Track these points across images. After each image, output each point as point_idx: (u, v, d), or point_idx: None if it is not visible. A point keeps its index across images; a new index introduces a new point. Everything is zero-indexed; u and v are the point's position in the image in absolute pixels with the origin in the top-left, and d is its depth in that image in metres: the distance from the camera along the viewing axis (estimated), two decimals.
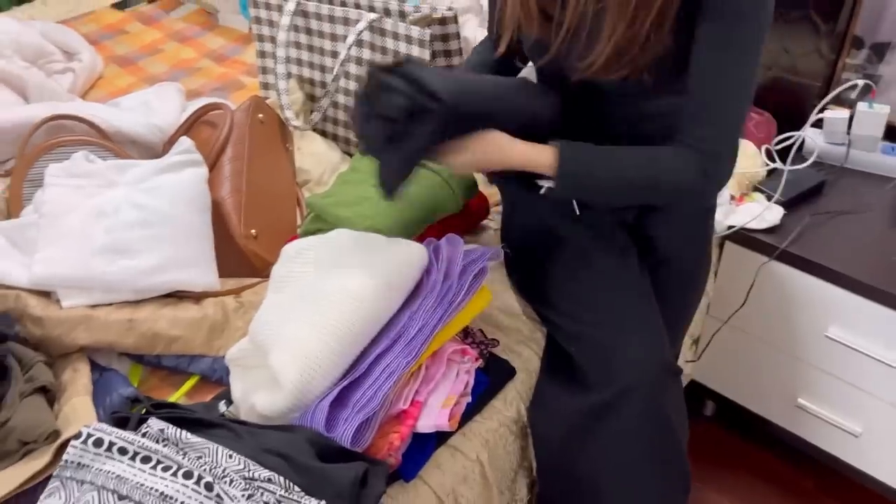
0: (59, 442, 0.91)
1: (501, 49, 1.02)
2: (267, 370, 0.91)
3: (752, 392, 1.51)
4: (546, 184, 0.94)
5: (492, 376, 1.04)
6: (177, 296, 1.10)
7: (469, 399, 0.98)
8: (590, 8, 0.89)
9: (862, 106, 1.39)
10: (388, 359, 0.91)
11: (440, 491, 0.95)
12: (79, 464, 0.80)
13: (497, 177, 1.21)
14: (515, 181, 1.15)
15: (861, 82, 1.40)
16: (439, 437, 0.97)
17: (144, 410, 0.87)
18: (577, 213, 1.06)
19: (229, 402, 0.97)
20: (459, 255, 1.00)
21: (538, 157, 0.92)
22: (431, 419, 0.92)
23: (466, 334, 1.07)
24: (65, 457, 0.80)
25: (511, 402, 1.04)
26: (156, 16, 2.09)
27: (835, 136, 1.44)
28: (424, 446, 0.95)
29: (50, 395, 0.98)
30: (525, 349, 1.10)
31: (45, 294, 1.05)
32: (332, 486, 0.81)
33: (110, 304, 1.05)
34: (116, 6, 2.15)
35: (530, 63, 1.09)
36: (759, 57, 0.89)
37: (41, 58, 1.69)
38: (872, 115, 1.39)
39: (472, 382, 0.98)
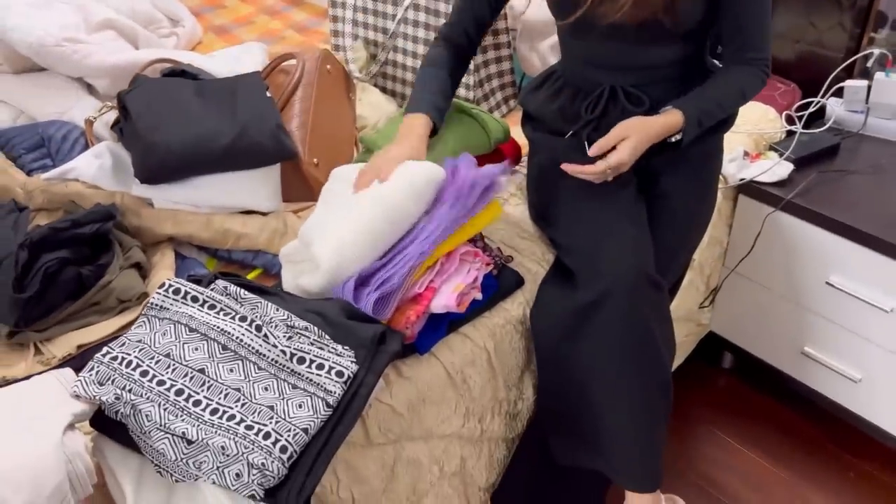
0: (145, 303, 1.14)
1: (452, 19, 1.28)
2: (310, 262, 1.11)
3: (762, 342, 1.61)
4: (675, 137, 1.16)
5: (502, 282, 1.21)
6: (248, 212, 1.32)
7: (479, 294, 1.16)
8: None
9: (879, 75, 1.49)
10: (406, 250, 1.10)
11: (450, 368, 1.13)
12: (160, 306, 1.02)
13: (523, 123, 1.38)
14: (533, 126, 1.33)
15: (877, 51, 1.49)
16: (451, 325, 1.15)
17: (214, 276, 1.08)
18: (587, 149, 1.22)
19: None
20: (471, 170, 1.17)
21: (671, 125, 1.14)
22: (442, 300, 1.09)
23: (485, 248, 1.24)
24: (150, 300, 1.03)
25: (518, 305, 1.21)
26: None
27: (854, 104, 1.53)
28: (437, 327, 1.13)
29: (143, 271, 1.21)
30: (535, 265, 1.26)
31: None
32: (355, 337, 1.00)
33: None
34: None
35: None
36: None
37: (151, 24, 1.96)
38: (889, 84, 1.48)
39: (480, 278, 1.15)
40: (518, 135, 1.44)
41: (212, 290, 1.04)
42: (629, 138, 1.12)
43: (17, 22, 1.45)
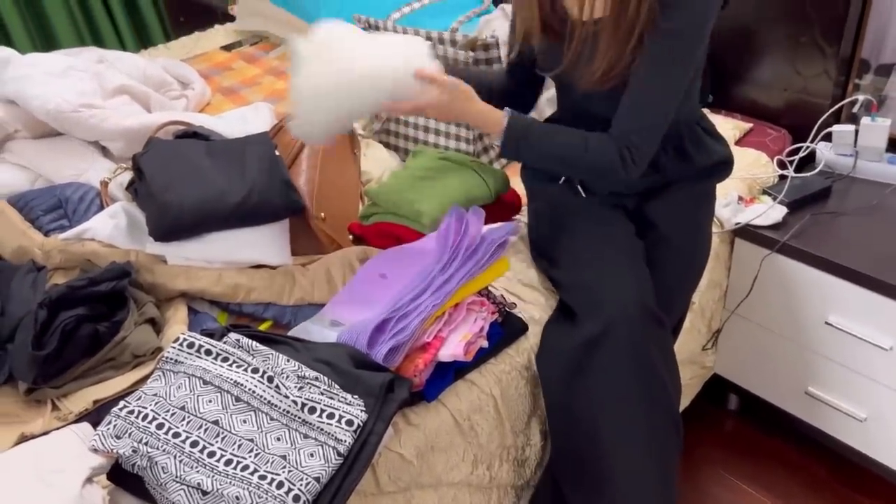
0: (159, 357, 1.17)
1: (512, 56, 1.28)
2: None
3: (767, 383, 1.63)
4: (491, 141, 1.16)
5: (507, 329, 1.24)
6: (258, 266, 1.36)
7: (485, 343, 1.19)
8: (589, 35, 1.13)
9: (866, 120, 1.54)
10: (420, 301, 1.14)
11: (458, 415, 1.15)
12: (175, 360, 1.05)
13: (522, 172, 1.43)
14: (530, 173, 1.39)
15: (862, 98, 1.54)
16: (458, 372, 1.17)
17: (226, 329, 1.12)
18: (584, 195, 1.27)
19: None
20: (482, 225, 1.22)
21: (491, 118, 1.17)
22: (451, 349, 1.12)
23: (489, 295, 1.27)
24: (165, 354, 1.06)
25: (523, 352, 1.24)
26: (256, 55, 2.45)
27: (843, 148, 1.58)
28: (445, 375, 1.15)
29: (157, 326, 1.25)
30: (539, 312, 1.29)
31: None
32: (364, 386, 1.03)
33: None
34: (225, 48, 2.53)
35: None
36: (687, 73, 1.12)
37: (162, 87, 2.03)
38: (875, 128, 1.53)
39: (486, 327, 1.18)
40: (517, 185, 1.49)
41: (224, 342, 1.08)
42: (446, 93, 1.13)
43: (37, 91, 1.52)
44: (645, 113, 1.14)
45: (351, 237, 1.47)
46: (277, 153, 1.37)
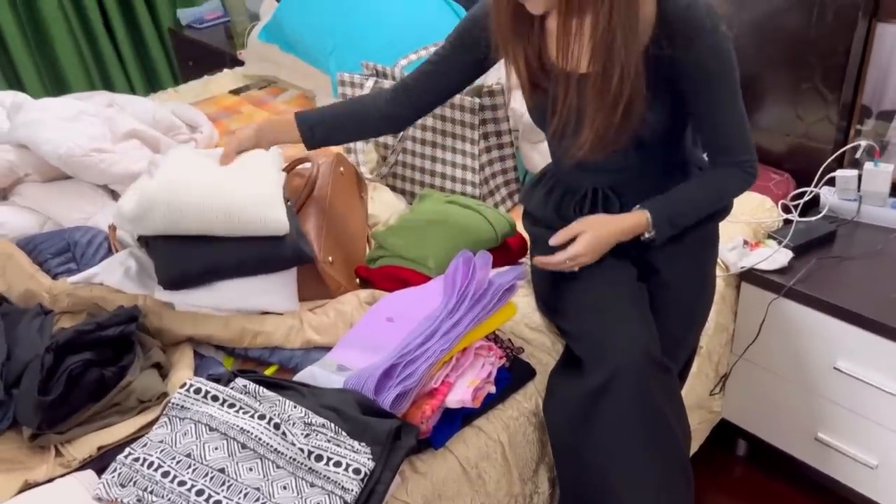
0: (165, 402, 1.16)
1: (409, 83, 1.32)
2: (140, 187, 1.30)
3: (775, 428, 1.61)
4: (647, 236, 1.20)
5: (514, 374, 1.23)
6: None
7: (493, 388, 1.18)
8: (573, 106, 1.14)
9: (868, 165, 1.55)
10: (427, 345, 1.13)
11: (465, 463, 1.14)
12: (182, 406, 1.05)
13: (524, 220, 1.44)
14: (531, 221, 1.39)
15: (864, 143, 1.56)
16: (465, 419, 1.17)
17: (233, 374, 1.11)
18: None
19: None
20: (489, 269, 1.22)
21: (637, 225, 1.20)
22: (458, 395, 1.12)
23: (497, 340, 1.27)
24: (171, 400, 1.06)
25: (530, 397, 1.23)
26: (264, 99, 2.48)
27: (847, 192, 1.59)
28: (452, 422, 1.15)
29: (163, 371, 1.24)
30: (546, 356, 1.29)
31: None
32: (372, 433, 1.02)
33: None
34: (233, 92, 2.56)
35: None
36: (740, 98, 1.15)
37: (171, 130, 2.06)
38: (878, 173, 1.54)
39: (494, 373, 1.18)
40: (523, 229, 1.50)
41: (231, 388, 1.07)
42: (586, 232, 1.18)
43: (48, 135, 1.54)
44: (739, 129, 1.17)
45: (358, 280, 1.48)
46: (289, 202, 1.37)
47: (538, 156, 1.75)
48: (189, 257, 1.28)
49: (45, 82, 3.29)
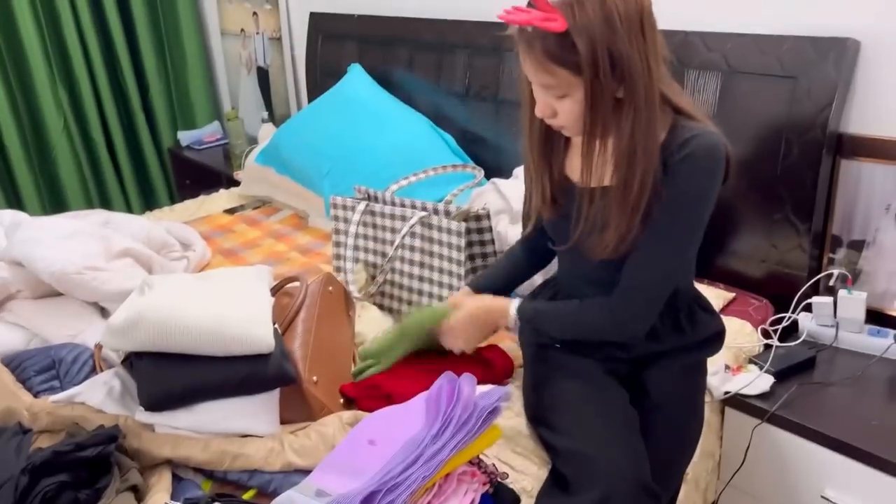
0: None
1: (528, 230, 1.40)
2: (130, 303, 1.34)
3: None
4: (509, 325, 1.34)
5: (498, 500, 1.21)
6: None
7: None
8: (598, 215, 1.20)
9: (843, 292, 1.60)
10: (410, 472, 1.12)
11: None
12: None
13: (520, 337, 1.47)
14: (530, 338, 1.42)
15: (837, 272, 1.62)
16: None
17: (210, 498, 1.09)
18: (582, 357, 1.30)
19: None
20: (474, 392, 1.23)
21: (505, 310, 1.35)
22: None
23: (480, 464, 1.26)
24: None
25: None
26: (258, 219, 2.55)
27: (824, 318, 1.63)
28: None
29: (139, 494, 1.21)
30: (530, 482, 1.27)
31: None
32: None
33: None
34: (228, 211, 2.64)
35: None
36: (688, 239, 1.19)
37: (164, 248, 2.10)
38: (852, 300, 1.58)
39: (477, 499, 1.16)
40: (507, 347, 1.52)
41: None
42: (460, 310, 1.39)
43: (44, 253, 1.57)
44: (643, 273, 1.20)
45: (342, 401, 1.47)
46: (275, 325, 1.39)
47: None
48: (172, 378, 1.29)
49: (44, 201, 3.37)
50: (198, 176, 3.50)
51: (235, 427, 1.32)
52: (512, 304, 1.35)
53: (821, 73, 1.59)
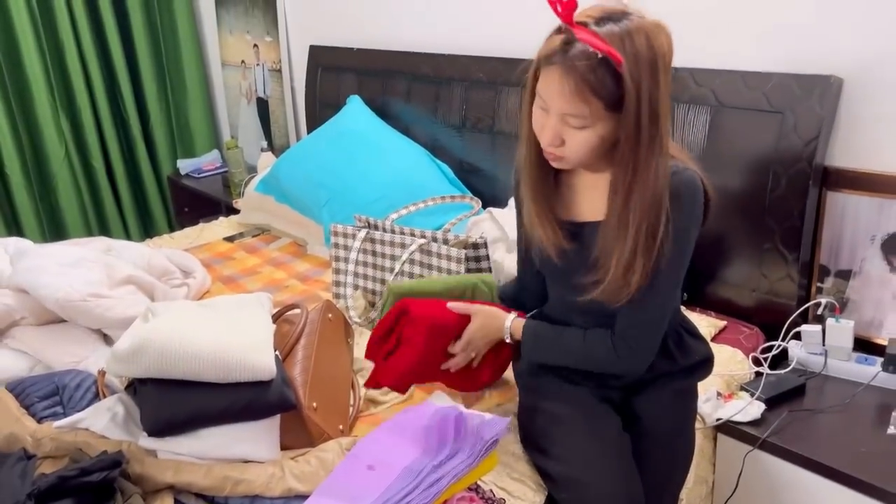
0: None
1: (527, 280, 1.45)
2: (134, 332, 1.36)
3: None
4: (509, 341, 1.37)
5: None
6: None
7: None
8: (593, 250, 1.22)
9: (830, 321, 1.64)
10: (410, 498, 1.15)
11: None
12: None
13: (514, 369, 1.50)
14: (525, 368, 1.45)
15: (825, 300, 1.66)
16: None
17: None
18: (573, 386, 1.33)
19: None
20: (476, 425, 1.26)
21: (502, 323, 1.38)
22: None
23: (478, 490, 1.28)
24: None
25: None
26: (257, 246, 2.59)
27: (813, 346, 1.67)
28: None
29: None
30: None
31: None
32: None
33: None
34: (227, 239, 2.67)
35: None
36: (678, 273, 1.22)
37: (165, 275, 2.13)
38: (840, 329, 1.62)
39: None
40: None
41: None
42: (476, 317, 1.39)
43: (48, 280, 1.60)
44: (644, 312, 1.23)
45: (341, 427, 1.49)
46: (276, 352, 1.42)
47: None
48: (176, 403, 1.31)
49: (44, 228, 3.40)
50: (196, 204, 3.55)
51: (237, 452, 1.34)
52: (508, 318, 1.38)
53: (806, 109, 1.64)
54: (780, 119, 1.68)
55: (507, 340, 1.40)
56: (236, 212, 2.97)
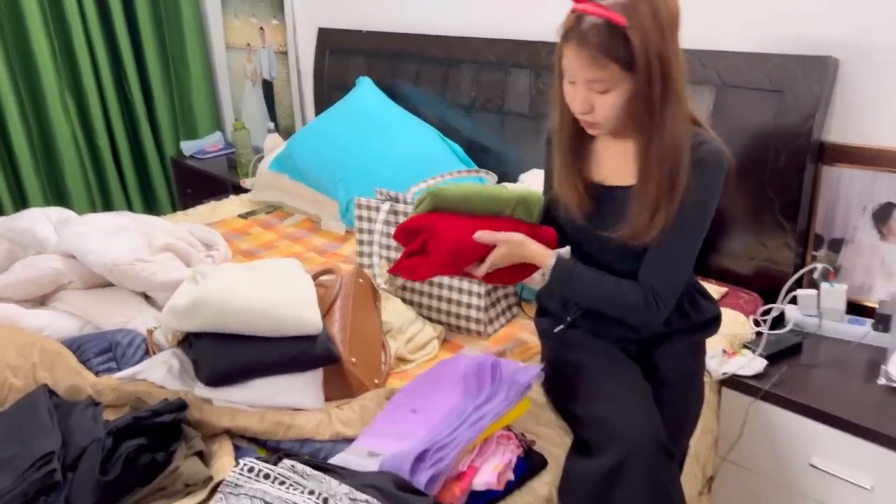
0: (211, 485, 1.25)
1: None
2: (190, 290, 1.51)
3: None
4: (540, 274, 1.41)
5: (529, 463, 1.35)
6: None
7: (511, 475, 1.30)
8: (616, 210, 1.34)
9: (825, 285, 1.77)
10: (456, 434, 1.26)
11: None
12: (236, 484, 1.15)
13: (536, 319, 1.62)
14: (546, 320, 1.57)
15: (820, 266, 1.79)
16: (487, 502, 1.27)
17: (278, 457, 1.22)
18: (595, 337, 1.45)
19: None
20: (511, 370, 1.37)
21: (543, 257, 1.39)
22: (485, 478, 1.23)
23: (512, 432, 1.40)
24: (227, 478, 1.15)
25: (545, 485, 1.34)
26: (272, 222, 2.68)
27: (809, 309, 1.80)
28: None
29: (204, 459, 1.33)
30: (556, 448, 1.41)
31: None
32: None
33: None
34: (241, 216, 2.75)
35: None
36: (701, 238, 1.34)
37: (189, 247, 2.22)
38: (834, 293, 1.76)
39: (514, 459, 1.30)
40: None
41: (280, 468, 1.18)
42: (502, 245, 1.38)
43: (94, 246, 1.69)
44: (669, 269, 1.35)
45: (377, 380, 1.59)
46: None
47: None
48: (231, 355, 1.41)
49: (48, 201, 3.45)
50: (200, 185, 3.61)
51: (285, 402, 1.44)
52: (550, 256, 1.39)
53: (805, 88, 1.77)
54: (780, 98, 1.81)
55: (541, 278, 1.42)
56: (244, 191, 3.05)
